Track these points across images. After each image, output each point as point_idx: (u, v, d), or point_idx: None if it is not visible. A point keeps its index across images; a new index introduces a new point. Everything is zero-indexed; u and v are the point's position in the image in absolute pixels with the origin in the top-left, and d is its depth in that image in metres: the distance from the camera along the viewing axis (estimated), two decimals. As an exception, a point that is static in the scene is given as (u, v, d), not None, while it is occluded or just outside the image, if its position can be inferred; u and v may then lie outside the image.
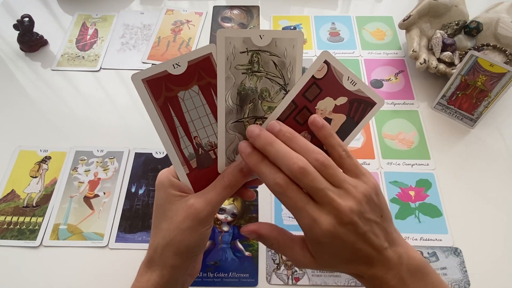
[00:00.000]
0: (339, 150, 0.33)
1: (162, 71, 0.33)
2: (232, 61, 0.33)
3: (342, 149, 0.33)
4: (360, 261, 0.31)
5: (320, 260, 0.32)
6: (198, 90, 0.34)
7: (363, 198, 0.31)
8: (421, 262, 0.32)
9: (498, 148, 0.57)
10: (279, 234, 0.35)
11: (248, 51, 0.33)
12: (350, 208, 0.30)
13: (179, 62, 0.33)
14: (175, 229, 0.33)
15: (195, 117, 0.35)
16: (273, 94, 0.35)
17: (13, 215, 0.51)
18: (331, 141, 0.33)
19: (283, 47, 0.34)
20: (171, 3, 0.77)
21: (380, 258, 0.31)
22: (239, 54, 0.33)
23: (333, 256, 0.32)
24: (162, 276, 0.34)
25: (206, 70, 0.34)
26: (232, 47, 0.33)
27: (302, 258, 0.33)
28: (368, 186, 0.32)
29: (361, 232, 0.30)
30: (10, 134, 0.58)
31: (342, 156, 0.33)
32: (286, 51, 0.34)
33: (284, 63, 0.34)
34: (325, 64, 0.34)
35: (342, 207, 0.30)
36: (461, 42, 0.63)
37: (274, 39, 0.33)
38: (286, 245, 0.34)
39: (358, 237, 0.30)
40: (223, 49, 0.33)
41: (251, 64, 0.34)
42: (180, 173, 0.35)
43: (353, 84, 0.34)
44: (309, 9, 0.76)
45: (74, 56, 0.68)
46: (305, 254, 0.33)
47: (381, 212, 0.32)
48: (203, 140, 0.35)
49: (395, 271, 0.31)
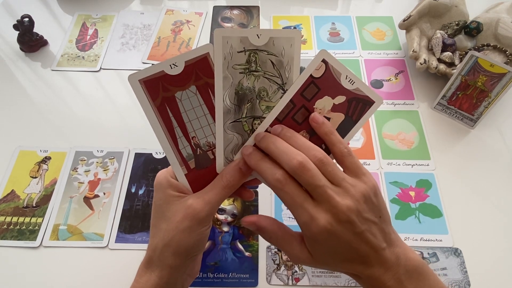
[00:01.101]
0: (341, 147, 0.33)
1: (159, 71, 0.33)
2: (230, 60, 0.33)
3: (344, 146, 0.33)
4: (358, 260, 0.31)
5: (317, 258, 0.33)
6: (196, 90, 0.34)
7: (362, 197, 0.31)
8: (419, 263, 0.32)
9: (498, 149, 0.57)
10: (279, 228, 0.35)
11: (245, 51, 0.33)
12: (347, 206, 0.30)
13: (176, 62, 0.33)
14: (174, 230, 0.33)
15: (193, 117, 0.35)
16: (271, 94, 0.35)
17: (13, 215, 0.51)
18: (332, 138, 0.33)
19: (280, 46, 0.33)
20: (171, 3, 0.77)
21: (378, 258, 0.31)
22: (237, 53, 0.33)
23: (330, 254, 0.32)
24: (161, 276, 0.34)
25: (204, 70, 0.34)
26: (229, 47, 0.33)
27: (300, 254, 0.33)
28: (367, 186, 0.32)
29: (358, 231, 0.30)
30: (10, 134, 0.58)
31: (343, 153, 0.33)
32: (284, 50, 0.34)
33: (282, 62, 0.34)
34: (323, 63, 0.34)
35: (340, 205, 0.30)
36: (461, 42, 0.63)
37: (272, 38, 0.33)
38: (284, 240, 0.34)
39: (355, 236, 0.31)
40: (221, 49, 0.33)
41: (249, 64, 0.34)
42: (178, 173, 0.35)
43: (351, 83, 0.34)
44: (309, 9, 0.76)
45: (74, 56, 0.68)
46: (302, 250, 0.33)
47: (380, 213, 0.32)
48: (201, 140, 0.35)
49: (393, 271, 0.31)
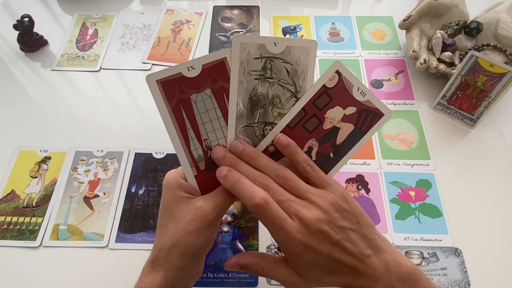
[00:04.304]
0: (304, 166, 0.34)
1: (176, 73, 0.33)
2: (246, 66, 0.34)
3: (307, 164, 0.34)
4: (344, 271, 0.31)
5: (305, 276, 0.33)
6: (211, 93, 0.34)
7: (330, 206, 0.31)
8: (411, 269, 0.32)
9: (499, 149, 0.57)
10: (261, 259, 0.35)
11: (262, 57, 0.34)
12: (316, 217, 0.31)
13: (194, 65, 0.33)
14: (183, 231, 0.33)
15: (206, 119, 0.35)
16: (284, 101, 0.35)
17: (13, 215, 0.51)
18: (296, 157, 0.34)
19: (296, 55, 0.34)
20: (171, 3, 0.77)
21: (365, 268, 0.31)
22: (253, 60, 0.34)
23: (315, 269, 0.32)
24: (167, 276, 0.34)
25: (220, 74, 0.34)
26: (246, 53, 0.34)
27: (289, 277, 0.33)
28: (334, 195, 0.32)
29: (335, 240, 0.31)
30: (10, 134, 0.58)
31: (307, 170, 0.34)
32: (299, 59, 0.34)
33: (297, 71, 0.35)
34: (336, 74, 0.35)
35: (308, 216, 0.31)
36: (461, 42, 0.63)
37: (288, 47, 0.34)
38: (269, 268, 0.34)
39: (334, 246, 0.31)
40: (238, 54, 0.34)
41: (264, 70, 0.34)
42: (188, 174, 0.35)
43: (362, 94, 0.35)
44: (309, 9, 0.76)
45: (74, 56, 0.68)
46: (290, 272, 0.33)
47: (356, 219, 0.32)
48: (212, 142, 0.36)
49: (384, 280, 0.31)
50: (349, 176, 0.54)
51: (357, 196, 0.52)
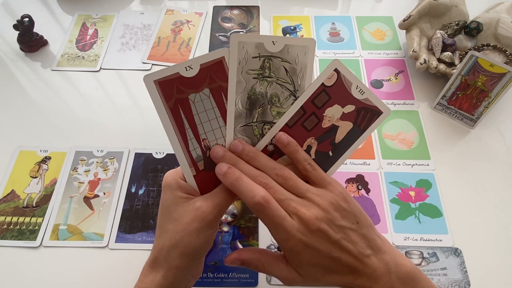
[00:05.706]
0: (304, 164, 0.34)
1: (174, 73, 0.33)
2: (244, 65, 0.34)
3: (307, 162, 0.34)
4: (344, 271, 0.31)
5: (304, 274, 0.33)
6: (209, 93, 0.34)
7: (330, 206, 0.31)
8: (411, 269, 0.32)
9: (499, 148, 0.57)
10: (261, 255, 0.35)
11: (260, 56, 0.34)
12: (315, 216, 0.31)
13: (192, 65, 0.33)
14: (182, 231, 0.33)
15: (204, 119, 0.35)
16: (282, 100, 0.35)
17: (13, 215, 0.51)
18: (297, 156, 0.34)
19: (295, 53, 0.34)
20: (171, 3, 0.77)
21: (364, 268, 0.31)
22: (251, 59, 0.34)
23: (314, 267, 0.32)
24: (167, 277, 0.34)
25: (218, 73, 0.34)
26: (244, 52, 0.34)
27: (288, 274, 0.33)
28: (334, 194, 0.32)
29: (334, 239, 0.31)
30: (10, 134, 0.58)
31: (307, 169, 0.34)
32: (298, 57, 0.34)
33: (295, 70, 0.34)
34: (335, 72, 0.34)
35: (307, 215, 0.31)
36: (461, 42, 0.63)
37: (287, 46, 0.34)
38: (270, 264, 0.34)
39: (333, 245, 0.31)
40: (236, 54, 0.33)
41: (263, 69, 0.34)
42: (187, 174, 0.35)
43: (361, 93, 0.35)
44: (309, 9, 0.76)
45: (74, 56, 0.68)
46: (290, 270, 0.33)
47: (356, 219, 0.32)
48: (211, 142, 0.35)
49: (384, 280, 0.31)
50: (349, 176, 0.54)
51: (357, 196, 0.52)
